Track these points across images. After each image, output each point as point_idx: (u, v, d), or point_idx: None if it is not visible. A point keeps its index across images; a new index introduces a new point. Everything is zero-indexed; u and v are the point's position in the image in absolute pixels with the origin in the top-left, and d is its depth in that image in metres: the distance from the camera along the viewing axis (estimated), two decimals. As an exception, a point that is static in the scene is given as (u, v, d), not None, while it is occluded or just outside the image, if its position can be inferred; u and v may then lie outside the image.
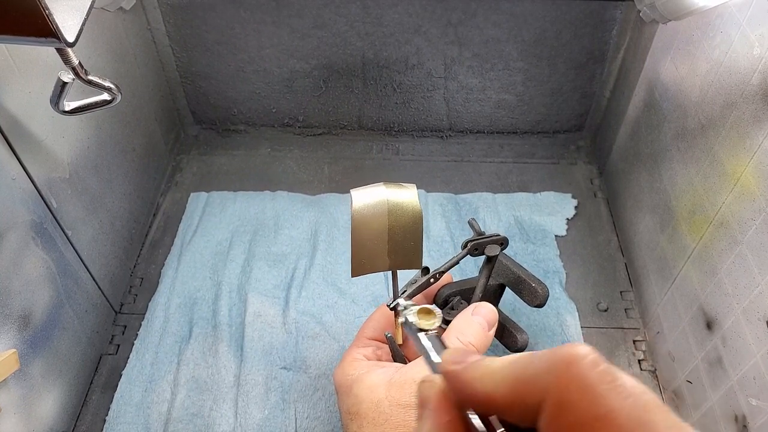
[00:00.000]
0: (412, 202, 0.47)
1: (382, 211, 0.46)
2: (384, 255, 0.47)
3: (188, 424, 0.58)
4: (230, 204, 0.78)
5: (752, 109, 0.46)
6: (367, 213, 0.46)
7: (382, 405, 0.43)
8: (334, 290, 0.68)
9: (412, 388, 0.43)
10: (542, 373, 0.19)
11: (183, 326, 0.65)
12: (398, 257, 0.47)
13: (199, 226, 0.76)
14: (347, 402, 0.46)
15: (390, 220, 0.46)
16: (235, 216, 0.77)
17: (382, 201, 0.46)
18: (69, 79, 0.41)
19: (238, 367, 0.61)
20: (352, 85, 0.83)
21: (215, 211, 0.77)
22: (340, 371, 0.48)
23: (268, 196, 0.79)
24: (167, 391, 0.60)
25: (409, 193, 0.48)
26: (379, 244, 0.46)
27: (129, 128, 0.71)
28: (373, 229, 0.46)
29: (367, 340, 0.51)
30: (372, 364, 0.48)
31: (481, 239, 0.53)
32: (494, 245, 0.53)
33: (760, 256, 0.45)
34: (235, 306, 0.67)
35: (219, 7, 0.75)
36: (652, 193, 0.66)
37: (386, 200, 0.46)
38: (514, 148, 0.88)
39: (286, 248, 0.73)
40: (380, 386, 0.44)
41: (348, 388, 0.46)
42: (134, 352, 0.63)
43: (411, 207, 0.47)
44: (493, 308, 0.48)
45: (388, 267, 0.48)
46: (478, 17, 0.75)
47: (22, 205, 0.50)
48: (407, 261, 0.48)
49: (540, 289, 0.54)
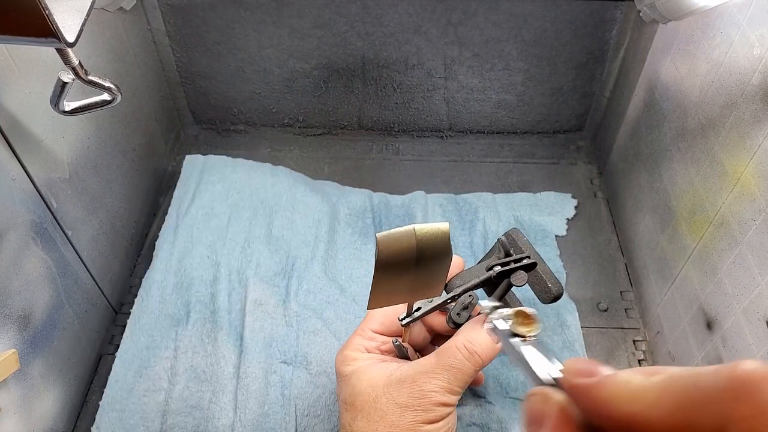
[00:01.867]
0: (443, 244, 0.41)
1: (410, 257, 0.40)
2: (405, 293, 0.43)
3: (187, 416, 0.57)
4: (229, 173, 0.75)
5: (752, 109, 0.46)
6: (392, 260, 0.40)
7: (379, 401, 0.43)
8: (335, 286, 0.68)
9: (412, 389, 0.42)
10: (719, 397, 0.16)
11: (179, 308, 0.64)
12: (420, 293, 0.44)
13: (196, 196, 0.73)
14: (345, 391, 0.46)
15: (417, 265, 0.41)
16: (234, 188, 0.74)
17: (410, 246, 0.40)
18: (69, 79, 0.41)
19: (238, 358, 0.61)
20: (352, 85, 0.83)
21: (213, 180, 0.74)
22: (341, 357, 0.48)
23: (269, 169, 0.77)
24: (164, 380, 0.59)
25: (442, 232, 0.41)
26: (402, 286, 0.42)
27: (129, 128, 0.71)
28: (397, 273, 0.41)
29: (372, 332, 0.50)
30: (373, 357, 0.47)
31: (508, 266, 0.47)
32: (521, 274, 0.47)
33: (760, 256, 0.45)
34: (235, 291, 0.65)
35: (219, 7, 0.75)
36: (652, 193, 0.66)
37: (414, 246, 0.40)
38: (514, 148, 0.88)
39: (287, 233, 0.71)
40: (379, 382, 0.44)
41: (347, 378, 0.46)
42: (128, 334, 0.62)
43: (441, 248, 0.41)
44: None
45: (407, 301, 0.45)
46: (478, 17, 0.75)
47: (22, 205, 0.50)
48: (428, 293, 0.45)
49: (554, 287, 0.49)
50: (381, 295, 0.42)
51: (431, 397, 0.42)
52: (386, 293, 0.43)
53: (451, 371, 0.43)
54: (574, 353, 0.63)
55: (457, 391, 0.43)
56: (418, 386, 0.42)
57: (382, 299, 0.43)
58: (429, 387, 0.42)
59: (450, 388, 0.43)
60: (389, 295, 0.43)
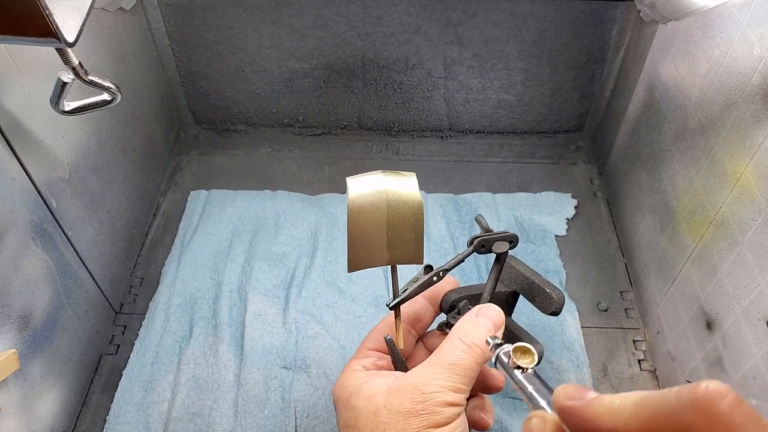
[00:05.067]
0: (412, 192, 0.44)
1: (381, 201, 0.43)
2: (383, 248, 0.44)
3: (188, 423, 0.58)
4: (230, 203, 0.78)
5: (752, 109, 0.46)
6: (365, 202, 0.43)
7: (381, 414, 0.40)
8: (334, 290, 0.68)
9: (413, 394, 0.40)
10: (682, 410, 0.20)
11: (183, 326, 0.65)
12: (398, 250, 0.44)
13: (200, 225, 0.76)
14: (345, 415, 0.43)
15: (389, 209, 0.43)
16: (235, 215, 0.77)
17: (380, 190, 0.43)
18: (69, 79, 0.41)
19: (238, 367, 0.61)
20: (352, 85, 0.83)
21: (215, 210, 0.77)
22: (338, 384, 0.46)
23: (269, 195, 0.79)
24: (167, 391, 0.60)
25: (409, 181, 0.45)
26: (378, 235, 0.43)
27: (129, 128, 0.71)
28: (370, 219, 0.43)
29: (367, 350, 0.48)
30: (371, 373, 0.45)
31: (488, 236, 0.50)
32: (502, 242, 0.50)
33: (760, 256, 0.45)
34: (236, 306, 0.67)
35: (219, 7, 0.75)
36: (652, 193, 0.66)
37: (385, 189, 0.43)
38: (514, 148, 0.88)
39: (287, 248, 0.73)
40: (379, 394, 0.42)
41: (346, 401, 0.44)
42: (135, 352, 0.63)
43: (411, 196, 0.44)
44: (499, 309, 0.45)
45: (387, 261, 0.45)
46: (478, 17, 0.75)
47: (22, 205, 0.50)
48: (408, 255, 0.45)
49: (555, 296, 0.50)
50: (359, 254, 0.43)
51: (434, 398, 0.40)
52: (364, 251, 0.43)
53: (450, 368, 0.41)
54: (574, 353, 0.63)
55: (462, 389, 0.41)
56: (419, 390, 0.40)
57: (362, 259, 0.44)
58: (430, 388, 0.40)
59: (453, 387, 0.40)
60: (368, 253, 0.44)
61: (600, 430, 0.21)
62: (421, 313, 0.51)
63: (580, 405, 0.23)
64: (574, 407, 0.23)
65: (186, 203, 0.79)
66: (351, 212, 0.43)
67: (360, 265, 0.44)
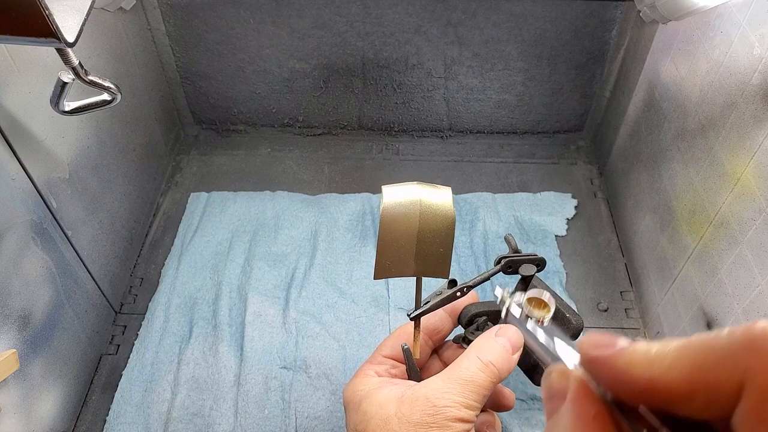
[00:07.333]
0: (446, 205, 0.43)
1: (414, 212, 0.42)
2: (410, 259, 0.43)
3: (188, 423, 0.58)
4: (230, 204, 0.78)
5: (752, 109, 0.46)
6: (398, 212, 0.42)
7: (391, 422, 0.41)
8: (334, 290, 0.68)
9: (425, 405, 0.40)
10: (735, 353, 0.16)
11: (183, 326, 0.65)
12: (425, 263, 0.44)
13: (200, 227, 0.76)
14: (355, 419, 0.43)
15: (421, 221, 0.42)
16: (235, 216, 0.77)
17: (414, 200, 0.43)
18: (69, 79, 0.41)
19: (238, 367, 0.62)
20: (352, 85, 0.83)
21: (215, 212, 0.77)
22: (350, 387, 0.46)
23: (268, 196, 0.79)
24: (167, 391, 0.60)
25: (444, 194, 0.44)
26: (407, 246, 0.43)
27: (129, 128, 0.71)
28: (401, 230, 0.42)
29: (382, 357, 0.48)
30: (383, 380, 0.46)
31: (516, 257, 0.49)
32: (530, 265, 0.49)
33: (760, 256, 0.45)
34: (236, 306, 0.67)
35: (219, 7, 0.75)
36: (652, 193, 0.66)
37: (419, 200, 0.43)
38: (514, 148, 0.88)
39: (286, 248, 0.73)
40: (390, 403, 0.42)
41: (357, 405, 0.44)
42: (134, 352, 0.63)
43: (444, 210, 0.43)
44: (518, 331, 0.44)
45: (413, 273, 0.44)
46: (478, 17, 0.75)
47: (21, 205, 0.50)
48: (434, 269, 0.44)
49: (574, 321, 0.49)
50: (386, 263, 0.43)
51: (446, 412, 0.40)
52: (392, 260, 0.43)
53: (465, 385, 0.41)
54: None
55: (474, 406, 0.41)
56: (431, 402, 0.40)
57: (389, 267, 0.43)
58: (443, 402, 0.40)
59: (466, 403, 0.41)
60: (396, 262, 0.43)
61: (635, 381, 0.18)
62: (439, 325, 0.51)
63: (610, 354, 0.19)
64: (603, 357, 0.19)
65: (186, 204, 0.79)
66: (383, 220, 0.43)
67: (386, 274, 0.44)
